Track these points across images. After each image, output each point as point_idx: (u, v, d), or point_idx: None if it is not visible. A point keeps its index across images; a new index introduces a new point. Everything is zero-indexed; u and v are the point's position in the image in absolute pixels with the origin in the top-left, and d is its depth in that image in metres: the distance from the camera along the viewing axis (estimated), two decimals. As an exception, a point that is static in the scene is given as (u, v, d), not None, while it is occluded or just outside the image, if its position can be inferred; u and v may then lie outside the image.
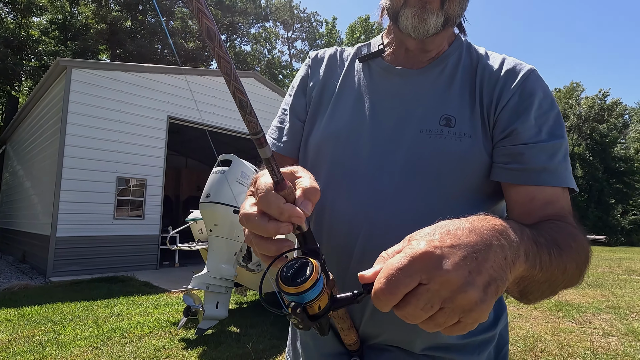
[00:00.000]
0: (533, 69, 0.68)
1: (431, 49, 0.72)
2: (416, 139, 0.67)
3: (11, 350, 3.46)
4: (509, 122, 0.65)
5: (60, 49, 18.75)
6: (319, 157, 0.75)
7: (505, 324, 0.77)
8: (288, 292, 0.42)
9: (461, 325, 0.37)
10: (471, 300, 0.35)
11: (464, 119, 0.67)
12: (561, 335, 4.08)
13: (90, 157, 7.92)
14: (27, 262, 9.16)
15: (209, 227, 4.01)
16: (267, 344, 3.69)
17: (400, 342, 0.69)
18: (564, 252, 0.51)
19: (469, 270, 0.35)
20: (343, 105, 0.77)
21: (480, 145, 0.65)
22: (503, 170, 0.64)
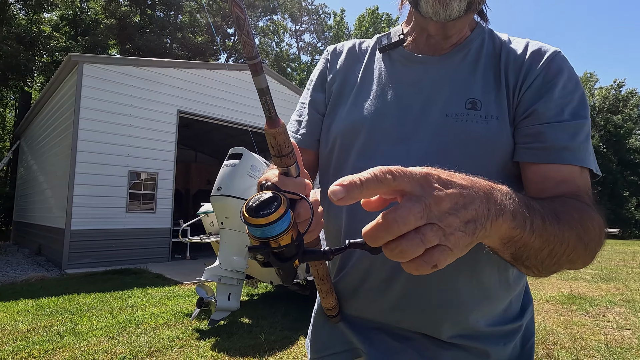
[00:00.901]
0: (558, 50, 0.68)
1: (452, 34, 0.71)
2: (442, 123, 0.67)
3: (31, 339, 3.56)
4: (531, 102, 0.64)
5: (71, 44, 18.93)
6: (343, 146, 0.75)
7: (531, 316, 0.77)
8: (251, 224, 0.41)
9: (438, 250, 0.37)
10: (453, 224, 0.37)
11: (489, 101, 0.67)
12: (574, 329, 4.05)
13: (102, 151, 8.03)
14: (43, 254, 9.36)
15: (221, 219, 4.05)
16: (279, 335, 3.73)
17: (425, 328, 0.69)
18: (562, 221, 0.50)
19: (456, 201, 0.38)
20: (365, 95, 0.76)
21: (507, 127, 0.65)
22: (522, 149, 0.64)
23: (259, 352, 3.31)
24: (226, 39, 29.01)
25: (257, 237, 0.42)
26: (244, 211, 0.41)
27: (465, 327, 0.68)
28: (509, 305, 0.72)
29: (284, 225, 0.41)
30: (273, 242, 0.41)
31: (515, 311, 0.74)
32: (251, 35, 0.41)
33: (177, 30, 22.72)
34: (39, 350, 3.27)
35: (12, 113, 21.74)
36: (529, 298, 0.78)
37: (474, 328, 0.68)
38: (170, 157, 9.04)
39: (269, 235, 0.41)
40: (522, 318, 0.73)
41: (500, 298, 0.70)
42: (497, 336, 0.70)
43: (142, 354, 3.22)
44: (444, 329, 0.67)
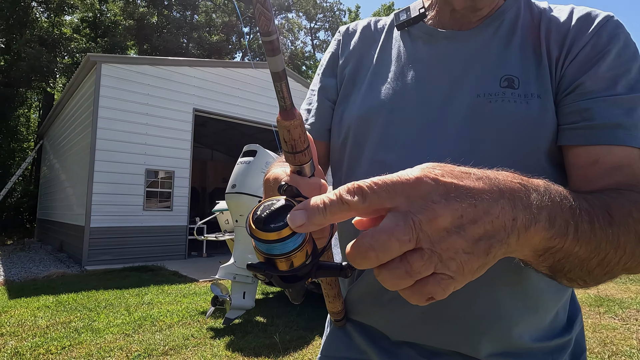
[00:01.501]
0: (611, 15, 0.57)
1: (482, 6, 0.61)
2: (473, 105, 0.58)
3: (49, 335, 3.59)
4: (577, 74, 0.54)
5: (90, 45, 19.35)
6: (358, 137, 0.66)
7: (581, 327, 0.67)
8: (258, 238, 0.33)
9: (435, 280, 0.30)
10: (455, 246, 0.29)
11: (529, 78, 0.57)
12: (603, 332, 3.85)
13: (120, 149, 8.13)
14: (65, 251, 9.57)
15: (235, 217, 4.01)
16: (294, 335, 3.67)
17: (459, 345, 0.60)
18: (615, 221, 0.40)
19: (462, 213, 0.29)
20: (382, 78, 0.67)
21: (551, 107, 0.55)
22: (566, 131, 0.54)
23: (273, 351, 3.25)
24: (241, 38, 29.17)
25: (262, 252, 0.35)
26: (250, 222, 0.34)
27: (507, 343, 0.58)
28: (556, 315, 0.62)
29: (298, 242, 0.34)
30: (283, 260, 0.34)
31: (562, 322, 0.64)
32: (269, 6, 0.33)
33: (193, 30, 22.97)
34: (57, 347, 3.29)
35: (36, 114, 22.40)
36: (576, 307, 0.68)
37: (517, 344, 0.58)
38: (186, 155, 9.10)
39: (279, 252, 0.34)
40: (571, 330, 0.63)
41: (547, 307, 0.60)
42: (544, 353, 0.60)
43: (156, 352, 3.20)
44: (481, 346, 0.58)
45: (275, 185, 0.44)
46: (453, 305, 0.58)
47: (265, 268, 0.35)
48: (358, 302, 0.68)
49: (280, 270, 0.35)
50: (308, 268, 0.37)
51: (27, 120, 21.88)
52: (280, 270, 0.35)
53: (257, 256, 0.36)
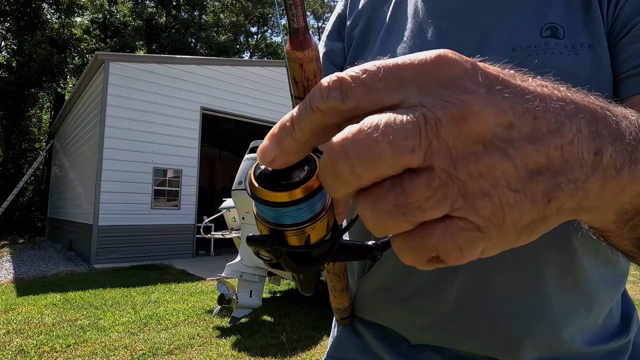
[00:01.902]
0: None
1: None
2: (510, 61, 0.47)
3: (54, 333, 3.56)
4: (635, 12, 0.45)
5: (100, 46, 19.53)
6: None
7: (638, 328, 0.56)
8: (262, 199, 0.23)
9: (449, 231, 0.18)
10: (493, 170, 0.17)
11: (576, 26, 0.47)
12: None
13: (128, 148, 8.14)
14: (74, 249, 9.63)
15: (242, 214, 3.94)
16: (302, 335, 3.58)
17: (497, 350, 0.50)
18: None
19: (512, 119, 0.18)
20: (397, 37, 0.58)
21: (606, 58, 0.46)
22: (622, 81, 0.44)
23: (281, 351, 3.17)
24: (249, 38, 29.23)
25: (267, 221, 0.25)
26: (252, 178, 0.24)
27: (555, 347, 0.48)
28: (610, 314, 0.53)
29: (317, 207, 0.24)
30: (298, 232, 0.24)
31: (616, 322, 0.54)
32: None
33: (201, 29, 23.05)
34: (61, 345, 3.25)
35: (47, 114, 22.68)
36: (630, 304, 0.58)
37: (567, 348, 0.48)
38: (194, 154, 9.08)
39: (292, 221, 0.24)
40: (628, 332, 0.53)
41: (602, 304, 0.50)
42: (598, 358, 0.50)
43: (161, 351, 3.14)
44: (524, 351, 0.48)
45: None
46: (490, 300, 0.48)
47: (273, 242, 0.25)
48: (370, 298, 0.59)
49: (292, 246, 0.25)
50: (328, 246, 0.27)
51: (39, 121, 22.16)
52: (292, 246, 0.25)
53: (260, 228, 0.26)
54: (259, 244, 0.25)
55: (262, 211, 0.25)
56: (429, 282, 0.51)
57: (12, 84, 16.45)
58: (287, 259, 0.27)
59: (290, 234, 0.25)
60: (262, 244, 0.25)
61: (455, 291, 0.49)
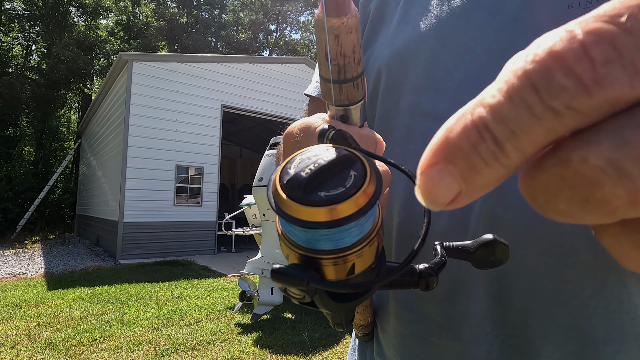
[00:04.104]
0: None
1: None
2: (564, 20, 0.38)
3: (82, 327, 3.64)
4: None
5: (124, 47, 20.03)
6: (392, 80, 0.50)
7: None
8: (293, 217, 0.17)
9: None
10: None
11: None
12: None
13: (151, 146, 8.29)
14: (101, 245, 9.91)
15: (262, 211, 3.92)
16: (323, 333, 3.54)
17: None
18: None
19: None
20: (421, 5, 0.49)
21: None
22: None
23: (302, 350, 3.13)
24: (268, 36, 29.34)
25: (297, 245, 0.19)
26: (278, 186, 0.18)
27: None
28: None
29: (366, 227, 0.18)
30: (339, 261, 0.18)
31: None
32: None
33: (221, 28, 23.29)
34: (88, 339, 3.32)
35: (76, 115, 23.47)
36: None
37: None
38: (214, 152, 9.17)
39: (333, 246, 0.18)
40: None
41: None
42: None
43: (184, 346, 3.16)
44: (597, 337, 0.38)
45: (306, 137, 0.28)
46: (554, 324, 0.39)
47: (309, 279, 0.18)
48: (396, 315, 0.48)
49: (330, 280, 0.19)
50: (373, 276, 0.21)
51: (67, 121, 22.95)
52: (331, 282, 0.19)
53: (286, 252, 0.20)
54: (288, 281, 0.18)
55: (291, 232, 0.18)
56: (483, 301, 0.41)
57: (43, 86, 17.06)
58: (325, 297, 0.21)
59: (328, 263, 0.18)
60: (294, 281, 0.18)
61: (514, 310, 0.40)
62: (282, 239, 0.20)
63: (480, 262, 0.24)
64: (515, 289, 0.39)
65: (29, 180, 15.53)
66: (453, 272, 0.42)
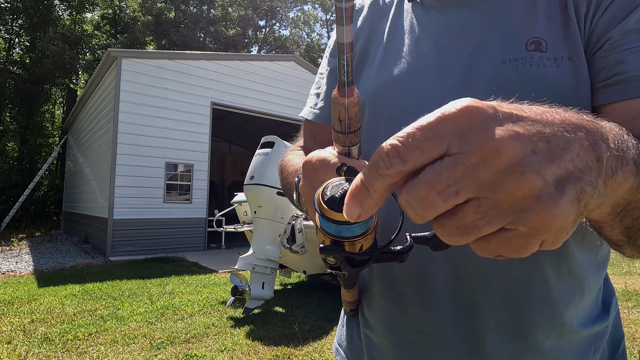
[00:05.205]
0: None
1: None
2: (499, 72, 0.53)
3: (76, 322, 3.72)
4: (608, 27, 0.49)
5: (111, 42, 19.74)
6: (373, 113, 0.63)
7: (617, 312, 0.62)
8: (329, 218, 0.32)
9: (504, 238, 0.24)
10: (530, 189, 0.22)
11: (557, 40, 0.52)
12: (632, 327, 3.72)
13: (141, 143, 8.29)
14: (90, 242, 9.88)
15: (254, 208, 4.03)
16: (313, 325, 3.68)
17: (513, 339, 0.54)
18: None
19: (533, 148, 0.23)
20: (396, 51, 0.63)
21: (584, 69, 0.50)
22: (598, 90, 0.49)
23: (293, 341, 3.27)
24: (257, 32, 29.20)
25: (330, 234, 0.33)
26: (321, 200, 0.32)
27: (560, 330, 0.54)
28: (596, 298, 0.58)
29: (368, 224, 0.33)
30: (350, 243, 0.33)
31: (599, 306, 0.59)
32: None
33: (209, 24, 23.11)
34: (84, 333, 3.40)
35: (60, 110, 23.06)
36: (611, 289, 0.63)
37: (568, 330, 0.54)
38: (204, 149, 9.21)
39: (349, 234, 0.32)
40: (608, 317, 0.59)
41: (591, 288, 0.56)
42: (588, 340, 0.55)
43: (179, 339, 3.27)
44: (538, 336, 0.53)
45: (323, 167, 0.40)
46: (500, 290, 0.53)
47: (339, 251, 0.33)
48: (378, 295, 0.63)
49: (349, 253, 0.34)
50: (371, 252, 0.35)
51: (52, 116, 22.56)
52: (348, 252, 0.34)
53: (321, 238, 0.34)
54: (329, 252, 0.34)
55: (327, 226, 0.33)
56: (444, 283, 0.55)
57: (27, 81, 16.75)
58: (345, 263, 0.35)
59: (347, 244, 0.33)
60: (333, 252, 0.33)
61: (467, 291, 0.54)
62: (320, 230, 0.34)
63: (434, 246, 0.36)
64: (466, 271, 0.54)
65: (13, 177, 15.29)
66: (421, 261, 0.56)
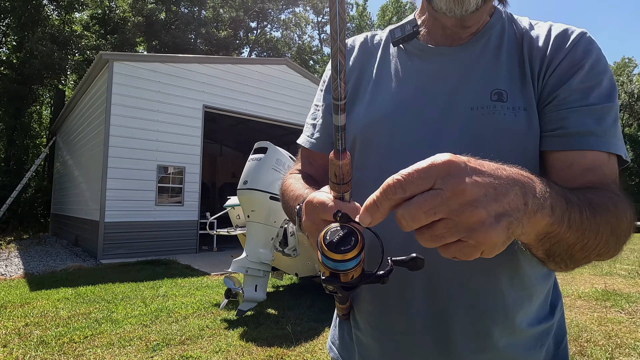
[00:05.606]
0: (585, 31, 0.64)
1: (471, 24, 0.67)
2: (468, 117, 0.64)
3: (71, 325, 3.77)
4: (555, 86, 0.61)
5: (100, 42, 19.57)
6: (364, 144, 0.73)
7: (562, 313, 0.74)
8: (329, 257, 0.43)
9: (459, 246, 0.37)
10: (478, 218, 0.36)
11: (515, 92, 0.63)
12: (609, 326, 3.91)
13: (132, 146, 8.31)
14: (80, 245, 9.83)
15: (247, 213, 4.12)
16: (305, 326, 3.79)
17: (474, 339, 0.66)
18: (598, 213, 0.48)
19: (485, 192, 0.36)
20: (383, 91, 0.73)
21: (536, 118, 0.62)
22: (546, 138, 0.61)
23: (285, 342, 3.38)
24: (249, 33, 29.20)
25: (329, 268, 0.44)
26: (322, 244, 0.44)
27: (512, 330, 0.65)
28: (543, 302, 0.70)
29: (357, 261, 0.44)
30: (344, 274, 0.45)
31: (547, 308, 0.71)
32: (345, 78, 0.44)
33: (201, 25, 23.06)
34: (79, 336, 3.45)
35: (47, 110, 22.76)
36: (558, 294, 0.75)
37: (518, 330, 0.65)
38: (196, 152, 9.25)
39: (344, 268, 0.44)
40: (553, 316, 0.71)
41: (538, 294, 0.68)
42: (534, 337, 0.67)
43: (174, 341, 3.35)
44: (495, 337, 0.64)
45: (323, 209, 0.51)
46: (464, 298, 0.64)
47: (336, 282, 0.45)
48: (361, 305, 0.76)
49: (343, 282, 0.45)
50: (361, 279, 0.47)
51: (39, 117, 22.27)
52: (343, 282, 0.45)
53: (322, 270, 0.46)
54: (329, 282, 0.46)
55: (327, 262, 0.44)
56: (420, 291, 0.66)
57: (15, 81, 16.53)
58: (341, 289, 0.47)
59: (342, 275, 0.44)
60: (332, 282, 0.45)
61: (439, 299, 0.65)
62: (321, 264, 0.44)
63: (410, 268, 0.46)
64: (438, 284, 0.65)
65: (0, 179, 15.08)
66: (402, 275, 0.67)
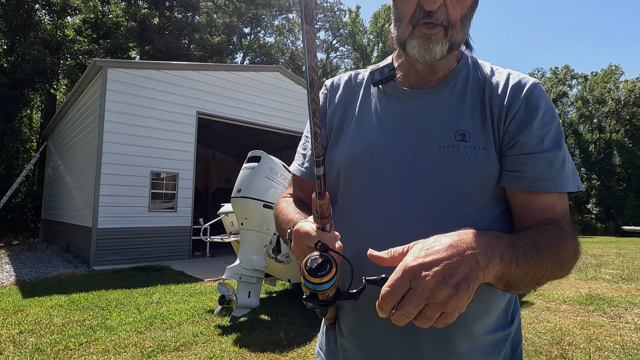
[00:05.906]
0: (537, 82, 0.75)
1: (439, 69, 0.78)
2: (436, 154, 0.75)
3: (66, 332, 3.80)
4: (515, 133, 0.72)
5: (93, 47, 19.51)
6: (348, 175, 0.82)
7: (518, 323, 0.85)
8: (309, 281, 0.55)
9: (445, 315, 0.51)
10: (444, 295, 0.49)
11: (477, 133, 0.74)
12: (590, 329, 4.05)
13: (126, 152, 8.34)
14: (72, 251, 9.78)
15: (241, 220, 4.20)
16: (298, 332, 3.87)
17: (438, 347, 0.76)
18: (541, 251, 0.62)
19: (443, 275, 0.50)
20: (365, 127, 0.84)
21: (493, 156, 0.73)
22: (508, 177, 0.72)
23: (278, 347, 3.46)
24: (242, 39, 29.32)
25: (310, 289, 0.57)
26: (304, 270, 0.56)
27: (472, 338, 0.75)
28: (501, 313, 0.80)
29: (332, 283, 0.56)
30: (322, 294, 0.57)
31: (506, 319, 0.81)
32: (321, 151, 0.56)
33: (194, 31, 23.11)
34: (74, 343, 3.50)
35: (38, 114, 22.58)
36: (517, 307, 0.86)
37: (477, 337, 0.75)
38: (190, 158, 9.31)
39: (320, 289, 0.56)
40: (511, 326, 0.81)
41: (496, 307, 0.78)
42: (492, 343, 0.77)
43: (169, 348, 3.41)
44: (457, 343, 0.74)
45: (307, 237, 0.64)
46: None
47: (315, 300, 0.58)
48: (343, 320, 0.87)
49: (321, 300, 0.58)
50: (335, 297, 0.59)
51: (30, 121, 22.07)
52: (321, 300, 0.58)
53: (304, 290, 0.58)
54: (309, 300, 0.58)
55: (307, 284, 0.56)
56: None
57: (6, 86, 16.41)
58: (319, 305, 0.59)
59: (320, 295, 0.57)
60: (311, 300, 0.58)
61: None
62: (303, 285, 0.57)
63: (381, 286, 0.57)
64: None
65: (-10, 184, 14.92)
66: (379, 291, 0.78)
